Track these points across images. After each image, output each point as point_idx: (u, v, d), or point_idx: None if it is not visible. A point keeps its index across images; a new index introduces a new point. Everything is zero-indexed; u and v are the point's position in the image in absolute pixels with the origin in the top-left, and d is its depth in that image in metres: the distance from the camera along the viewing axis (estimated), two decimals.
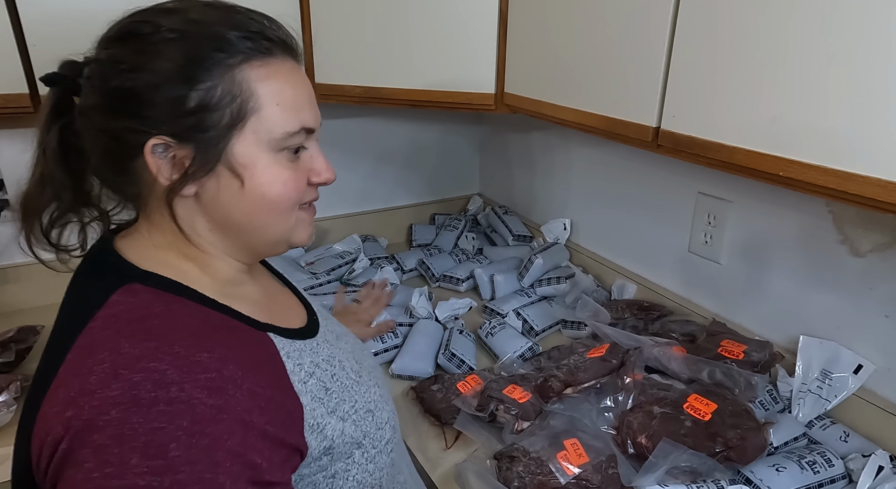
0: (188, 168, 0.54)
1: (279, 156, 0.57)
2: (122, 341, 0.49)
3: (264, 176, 0.56)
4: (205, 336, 0.52)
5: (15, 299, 1.32)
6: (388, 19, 1.14)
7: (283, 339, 0.61)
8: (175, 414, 0.46)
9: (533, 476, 0.82)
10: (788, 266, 1.05)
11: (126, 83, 0.53)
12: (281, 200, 0.58)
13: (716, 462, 0.81)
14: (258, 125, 0.55)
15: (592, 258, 1.47)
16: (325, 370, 0.63)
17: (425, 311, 1.31)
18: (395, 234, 1.79)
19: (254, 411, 0.51)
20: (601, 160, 1.41)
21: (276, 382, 0.56)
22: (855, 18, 0.60)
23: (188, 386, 0.47)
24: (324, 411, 0.60)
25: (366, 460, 0.63)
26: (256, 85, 0.54)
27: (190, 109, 0.53)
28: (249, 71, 0.54)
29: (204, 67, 0.53)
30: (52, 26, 0.96)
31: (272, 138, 0.55)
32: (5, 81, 0.95)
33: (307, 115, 0.58)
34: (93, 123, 0.55)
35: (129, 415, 0.45)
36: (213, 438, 0.47)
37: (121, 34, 0.55)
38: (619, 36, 0.87)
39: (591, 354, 1.01)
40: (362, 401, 0.65)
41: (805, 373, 0.99)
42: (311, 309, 0.73)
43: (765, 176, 0.72)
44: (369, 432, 0.64)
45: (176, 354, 0.49)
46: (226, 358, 0.51)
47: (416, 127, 1.74)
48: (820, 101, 0.64)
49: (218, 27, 0.54)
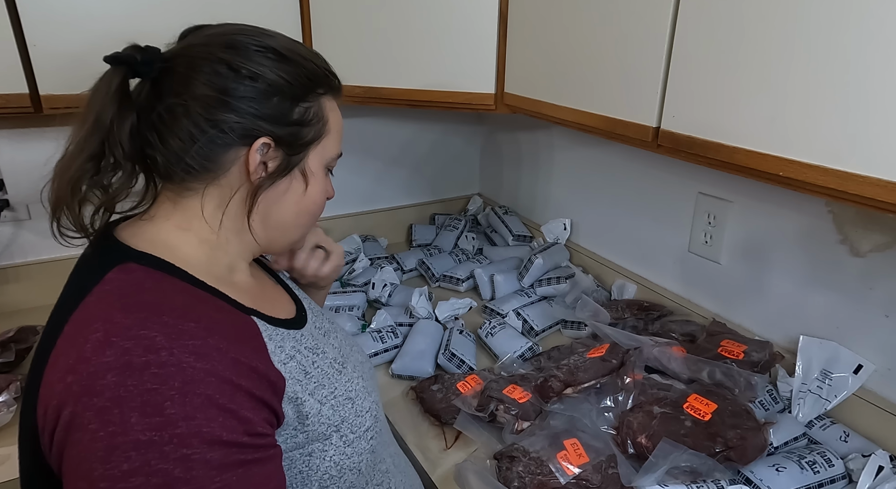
0: (276, 168, 0.63)
1: (325, 172, 0.70)
2: (115, 313, 0.53)
3: (318, 186, 0.68)
4: (191, 308, 0.57)
5: (15, 299, 1.32)
6: (388, 19, 1.14)
7: (266, 324, 0.64)
8: (166, 376, 0.50)
9: (533, 476, 0.82)
10: (788, 266, 1.05)
11: (244, 85, 0.60)
12: (320, 208, 0.70)
13: (716, 462, 0.81)
14: (325, 145, 0.68)
15: (592, 258, 1.47)
16: (306, 356, 0.66)
17: (425, 311, 1.31)
18: (395, 234, 1.79)
19: (237, 374, 0.54)
20: (601, 160, 1.41)
21: (258, 356, 0.59)
22: (854, 18, 0.60)
23: (177, 350, 0.51)
24: (302, 391, 0.63)
25: (344, 444, 0.66)
26: (329, 114, 0.67)
27: (292, 121, 0.63)
28: (326, 101, 0.67)
29: (307, 90, 0.64)
30: (52, 26, 0.96)
31: (327, 157, 0.69)
32: (5, 81, 0.95)
33: (341, 143, 0.72)
34: (191, 111, 0.60)
35: (124, 379, 0.49)
36: (206, 397, 0.51)
37: (230, 43, 0.61)
38: (619, 36, 0.87)
39: (591, 354, 1.01)
40: (342, 389, 0.69)
41: (805, 373, 0.99)
42: (301, 305, 0.77)
43: (765, 176, 0.72)
44: (348, 418, 0.67)
45: (164, 323, 0.53)
46: (211, 329, 0.55)
47: (416, 127, 1.74)
48: (820, 101, 0.64)
49: (312, 61, 0.65)
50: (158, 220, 0.64)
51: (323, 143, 0.67)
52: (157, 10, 1.02)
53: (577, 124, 0.99)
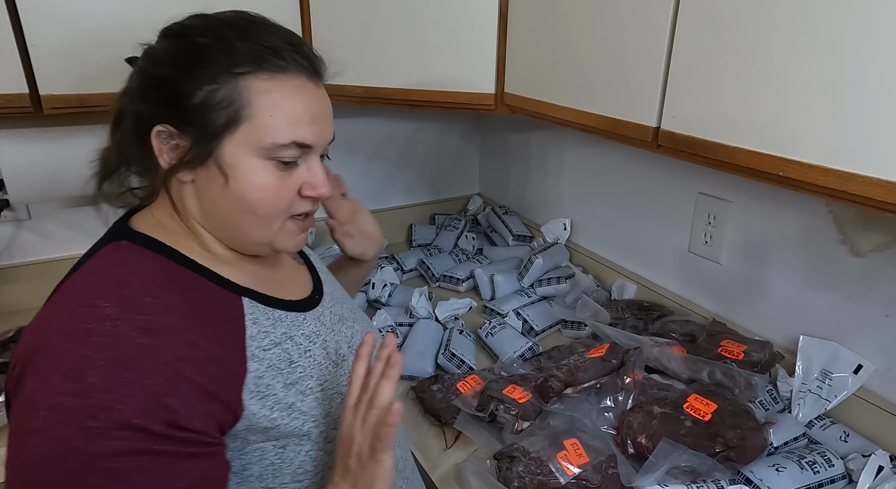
0: (184, 156, 0.60)
1: (267, 163, 0.60)
2: (86, 283, 0.57)
3: (247, 179, 0.60)
4: (159, 285, 0.57)
5: (15, 299, 1.32)
6: (388, 19, 1.14)
7: (258, 306, 0.64)
8: (102, 345, 0.51)
9: (533, 476, 0.82)
10: (788, 266, 1.05)
11: (154, 73, 0.61)
12: (260, 205, 0.61)
13: (716, 462, 0.81)
14: (249, 132, 0.59)
15: (592, 258, 1.47)
16: (298, 344, 0.65)
17: (425, 311, 1.31)
18: (395, 234, 1.79)
19: (186, 360, 0.54)
20: (601, 160, 1.41)
21: (227, 341, 0.59)
22: (854, 18, 0.60)
23: (122, 323, 0.52)
24: (280, 381, 0.61)
25: (324, 440, 0.64)
26: (256, 95, 0.58)
27: (193, 106, 0.58)
28: (254, 82, 0.58)
29: (209, 71, 0.58)
30: (52, 26, 0.96)
31: (260, 146, 0.59)
32: (5, 81, 0.95)
33: (304, 131, 0.60)
34: (130, 104, 0.63)
35: (65, 342, 0.51)
36: (135, 374, 0.51)
37: (167, 32, 0.63)
38: (619, 36, 0.87)
39: (591, 354, 1.01)
40: (333, 383, 0.67)
41: (805, 373, 0.99)
42: (320, 289, 0.75)
43: (765, 176, 0.72)
44: (333, 413, 0.65)
45: (121, 295, 0.54)
46: (171, 307, 0.56)
47: (416, 127, 1.74)
48: (820, 101, 0.64)
49: (234, 38, 0.59)
50: (158, 206, 0.66)
51: (244, 127, 0.58)
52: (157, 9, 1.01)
53: (577, 124, 0.99)
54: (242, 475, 0.61)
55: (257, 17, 0.63)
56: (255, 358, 0.60)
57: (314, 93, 0.62)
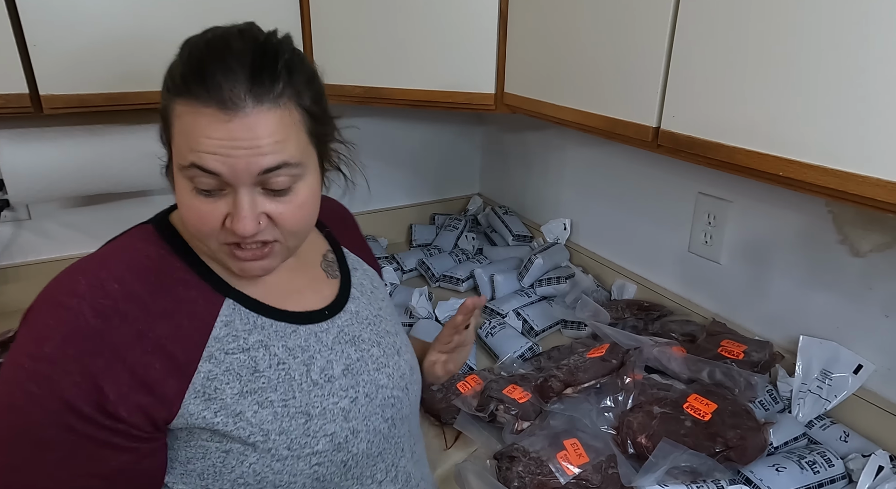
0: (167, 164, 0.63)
1: (188, 185, 0.58)
2: (92, 256, 0.61)
3: (178, 195, 0.60)
4: (133, 272, 0.60)
5: (15, 299, 1.32)
6: (388, 19, 1.14)
7: (239, 309, 0.64)
8: (62, 319, 0.55)
9: (533, 476, 0.82)
10: (788, 266, 1.05)
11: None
12: (189, 223, 0.60)
13: (716, 462, 0.81)
14: (175, 150, 0.59)
15: (592, 258, 1.47)
16: (273, 355, 0.63)
17: (425, 311, 1.31)
18: (395, 233, 1.79)
19: (132, 348, 0.56)
20: (601, 160, 1.41)
21: (186, 337, 0.60)
22: (854, 19, 0.60)
23: (85, 303, 0.56)
24: (235, 387, 0.60)
25: (272, 457, 0.61)
26: (175, 118, 0.58)
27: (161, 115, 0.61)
28: (175, 105, 0.57)
29: (165, 87, 0.60)
30: (52, 26, 0.96)
31: (177, 165, 0.59)
32: (5, 81, 0.95)
33: (205, 159, 0.55)
34: None
35: (42, 308, 0.57)
36: (78, 352, 0.54)
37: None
38: (619, 36, 0.87)
39: (591, 354, 1.01)
40: (301, 402, 0.63)
41: (805, 373, 0.99)
42: (341, 305, 0.73)
43: (765, 176, 0.72)
44: (290, 431, 0.62)
45: (97, 277, 0.58)
46: (133, 296, 0.58)
47: (416, 127, 1.74)
48: (820, 101, 0.64)
49: (184, 59, 0.58)
50: None
51: (173, 146, 0.59)
52: (156, 9, 1.02)
53: (577, 124, 0.99)
54: (186, 467, 0.62)
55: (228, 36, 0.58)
56: (212, 358, 0.60)
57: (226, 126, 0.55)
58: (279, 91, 0.57)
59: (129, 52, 1.01)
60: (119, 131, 1.18)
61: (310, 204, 0.63)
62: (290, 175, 0.59)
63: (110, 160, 1.16)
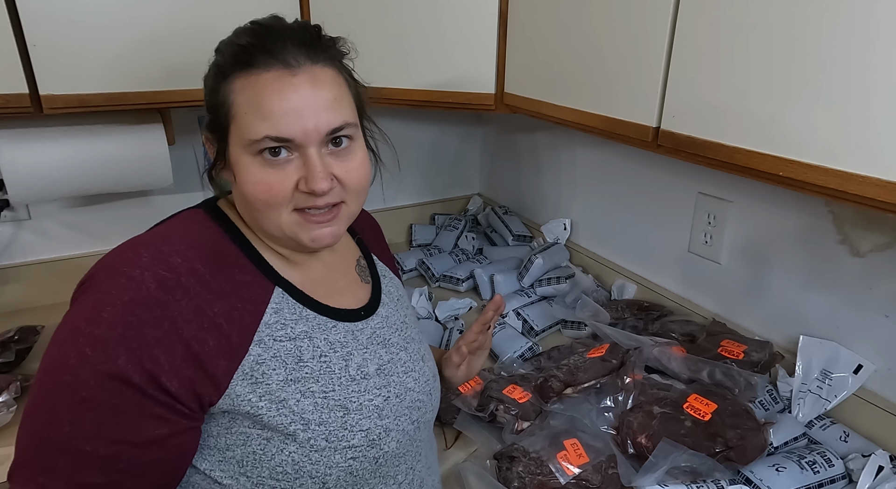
0: (216, 156, 0.66)
1: (255, 159, 0.62)
2: (151, 233, 0.64)
3: (242, 175, 0.63)
4: (196, 250, 0.61)
5: (15, 299, 1.32)
6: (388, 19, 1.14)
7: (287, 299, 0.66)
8: (123, 288, 0.56)
9: (533, 476, 0.82)
10: (788, 266, 1.05)
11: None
12: (254, 199, 0.63)
13: (716, 462, 0.81)
14: (236, 130, 0.62)
15: (592, 258, 1.47)
16: (316, 347, 0.65)
17: (425, 311, 1.31)
18: (395, 233, 1.79)
19: (190, 323, 0.57)
20: (601, 160, 1.41)
21: (239, 319, 0.61)
22: (854, 19, 0.60)
23: (148, 274, 0.57)
24: (281, 374, 0.62)
25: (310, 448, 0.62)
26: (236, 96, 0.62)
27: (210, 110, 0.65)
28: (234, 83, 0.62)
29: (213, 79, 0.64)
30: (52, 26, 0.95)
31: (243, 143, 0.62)
32: (5, 81, 0.95)
33: (278, 124, 0.60)
34: None
35: (104, 277, 0.58)
36: (138, 321, 0.55)
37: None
38: (619, 36, 0.87)
39: (591, 354, 1.01)
40: (340, 396, 0.65)
41: (805, 373, 0.99)
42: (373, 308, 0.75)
43: (765, 176, 0.72)
44: (329, 423, 0.63)
45: (160, 250, 0.59)
46: (196, 272, 0.60)
47: (416, 127, 1.74)
48: (820, 101, 0.64)
49: (225, 45, 0.64)
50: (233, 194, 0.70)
51: (233, 127, 0.62)
52: (156, 9, 1.02)
53: (577, 124, 0.99)
54: (225, 454, 0.62)
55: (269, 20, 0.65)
56: (261, 343, 0.62)
57: (293, 84, 0.61)
58: (329, 55, 0.65)
59: (129, 51, 1.01)
60: (119, 131, 1.18)
61: (366, 164, 0.68)
62: (349, 135, 0.65)
63: (110, 160, 1.16)
